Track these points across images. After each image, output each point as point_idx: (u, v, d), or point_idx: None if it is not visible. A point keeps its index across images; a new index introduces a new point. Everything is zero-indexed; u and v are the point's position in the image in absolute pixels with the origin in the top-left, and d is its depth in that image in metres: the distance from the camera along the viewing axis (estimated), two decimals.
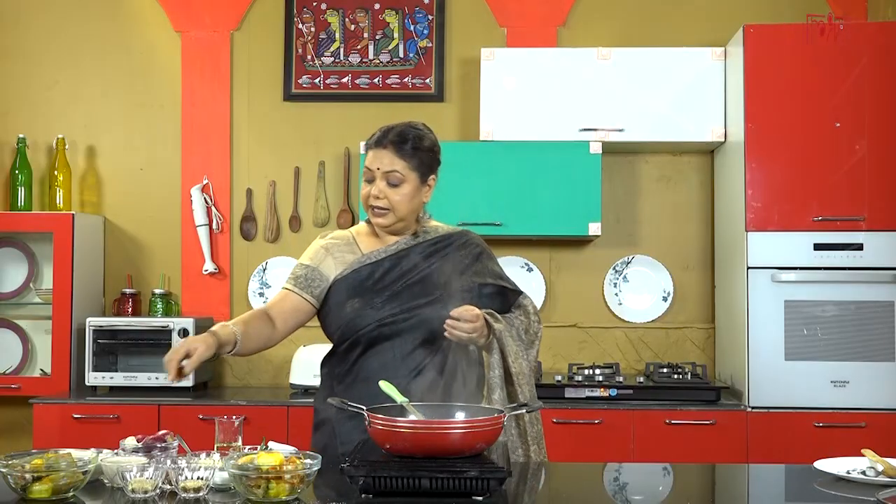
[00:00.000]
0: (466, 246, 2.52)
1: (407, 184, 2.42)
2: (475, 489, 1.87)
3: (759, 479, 2.39)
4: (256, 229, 4.38)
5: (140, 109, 4.44)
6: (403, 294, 2.40)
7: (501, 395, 2.41)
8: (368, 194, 2.43)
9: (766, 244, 3.71)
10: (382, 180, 2.41)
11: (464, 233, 2.57)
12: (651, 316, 4.29)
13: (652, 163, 4.33)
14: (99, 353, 3.97)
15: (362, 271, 2.43)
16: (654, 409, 3.68)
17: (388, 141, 2.42)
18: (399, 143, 2.41)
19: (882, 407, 3.63)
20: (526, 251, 4.32)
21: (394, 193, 2.41)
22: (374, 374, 2.35)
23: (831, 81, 3.70)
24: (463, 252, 2.50)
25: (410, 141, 2.43)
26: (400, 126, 2.46)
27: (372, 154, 2.43)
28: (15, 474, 1.89)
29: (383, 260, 2.44)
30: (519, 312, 2.54)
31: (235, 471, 1.86)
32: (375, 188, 2.42)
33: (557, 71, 4.02)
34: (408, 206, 2.44)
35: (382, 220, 2.44)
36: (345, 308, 2.40)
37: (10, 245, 4.32)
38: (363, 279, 2.42)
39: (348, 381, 2.41)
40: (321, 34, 4.38)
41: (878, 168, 3.67)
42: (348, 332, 2.40)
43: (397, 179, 2.41)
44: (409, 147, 2.43)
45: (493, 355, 2.41)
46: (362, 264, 2.43)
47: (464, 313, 2.30)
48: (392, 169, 2.40)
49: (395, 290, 2.40)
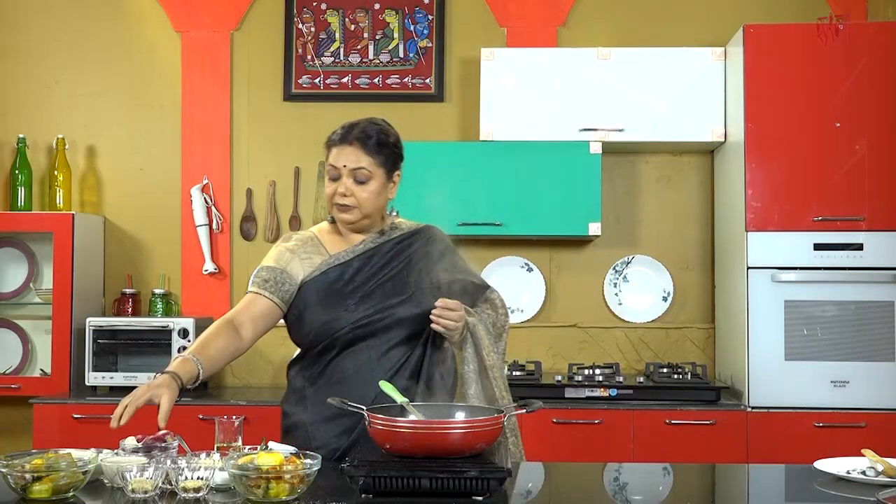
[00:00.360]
0: (432, 242, 2.51)
1: (374, 180, 2.40)
2: (475, 489, 1.87)
3: (759, 479, 2.39)
4: (256, 229, 4.38)
5: (140, 109, 4.44)
6: (376, 294, 2.38)
7: (477, 389, 2.40)
8: (334, 192, 2.39)
9: (766, 244, 3.71)
10: (349, 178, 2.38)
11: (428, 228, 2.55)
12: (651, 316, 4.29)
13: (652, 163, 4.33)
14: (99, 353, 3.97)
15: (331, 273, 2.39)
16: (654, 409, 3.68)
17: (353, 137, 2.39)
18: (364, 139, 2.39)
19: (882, 407, 3.63)
20: (526, 251, 4.32)
21: (361, 190, 2.38)
22: (350, 377, 2.34)
23: (831, 81, 3.70)
24: (429, 248, 2.49)
25: (375, 137, 2.40)
26: (363, 122, 2.43)
27: (336, 151, 2.40)
28: (15, 474, 1.89)
29: (352, 260, 2.40)
30: (486, 306, 2.54)
31: (235, 471, 1.86)
32: (342, 186, 2.38)
33: (557, 71, 4.02)
34: (374, 203, 2.41)
35: (349, 216, 2.40)
36: (316, 312, 2.36)
37: (10, 245, 4.32)
38: (333, 281, 2.38)
39: (321, 383, 2.37)
40: (321, 34, 4.38)
41: (878, 168, 3.67)
42: (322, 335, 2.36)
43: (364, 176, 2.38)
44: (375, 143, 2.39)
45: (467, 349, 2.41)
46: (330, 266, 2.39)
47: (449, 303, 2.32)
48: (359, 166, 2.38)
49: (367, 290, 2.38)
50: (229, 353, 2.30)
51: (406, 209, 3.88)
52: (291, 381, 2.47)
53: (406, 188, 3.92)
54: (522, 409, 2.04)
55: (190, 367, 2.18)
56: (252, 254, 4.36)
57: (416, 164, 4.00)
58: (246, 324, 2.34)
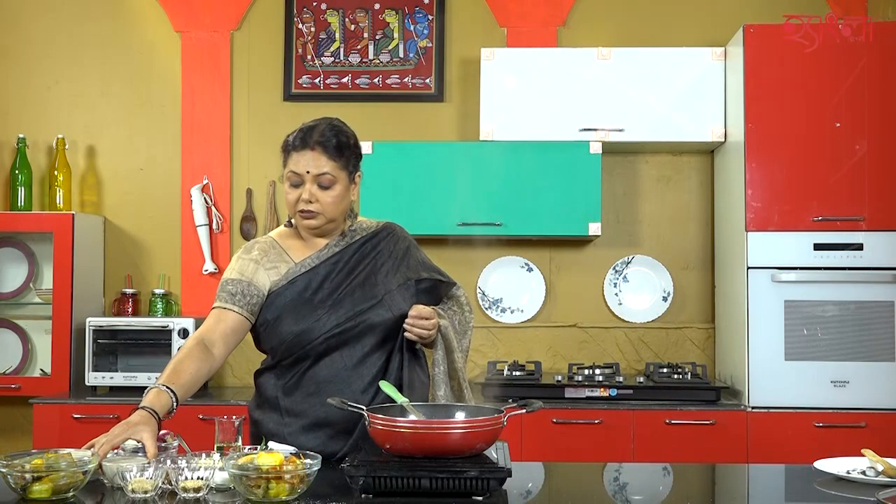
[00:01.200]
0: (394, 240, 2.47)
1: (338, 184, 2.34)
2: (475, 489, 1.87)
3: (759, 479, 2.39)
4: (256, 229, 4.38)
5: (140, 109, 4.44)
6: (345, 301, 2.34)
7: (446, 391, 2.41)
8: (298, 198, 2.33)
9: (766, 244, 3.71)
10: (313, 183, 2.32)
11: (388, 226, 2.51)
12: (651, 316, 4.29)
13: (652, 163, 4.33)
14: (99, 353, 3.97)
15: (298, 282, 2.34)
16: (654, 409, 3.68)
17: (313, 142, 2.32)
18: (325, 143, 2.32)
19: (882, 407, 3.63)
20: (526, 251, 4.32)
21: (325, 196, 2.33)
22: (325, 386, 2.31)
23: (831, 81, 3.70)
24: (392, 248, 2.46)
25: (335, 140, 2.34)
26: (321, 125, 2.36)
27: (297, 156, 2.33)
28: (15, 474, 1.89)
29: (318, 267, 2.36)
30: (452, 303, 2.53)
31: (235, 471, 1.86)
32: (306, 192, 2.32)
33: (557, 71, 4.02)
34: (339, 208, 2.37)
35: (313, 222, 2.35)
36: (287, 323, 2.31)
37: (10, 245, 4.32)
38: (301, 291, 2.33)
39: (296, 394, 2.33)
40: (321, 34, 4.38)
41: (878, 168, 3.67)
42: (295, 347, 2.32)
43: (328, 181, 2.33)
44: (335, 146, 2.33)
45: (438, 352, 2.41)
46: (297, 274, 2.35)
47: (422, 311, 2.32)
48: (323, 171, 2.32)
49: (337, 297, 2.34)
50: (203, 374, 2.25)
51: (406, 209, 3.90)
52: (262, 390, 2.41)
53: (407, 188, 3.95)
54: (522, 409, 2.04)
55: (164, 399, 2.13)
56: None
57: (416, 164, 4.04)
58: (217, 342, 2.30)
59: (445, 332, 2.40)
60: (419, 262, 2.50)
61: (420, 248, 2.56)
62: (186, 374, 2.20)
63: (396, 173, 3.95)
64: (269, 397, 2.38)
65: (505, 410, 2.02)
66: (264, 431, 2.37)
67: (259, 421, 2.40)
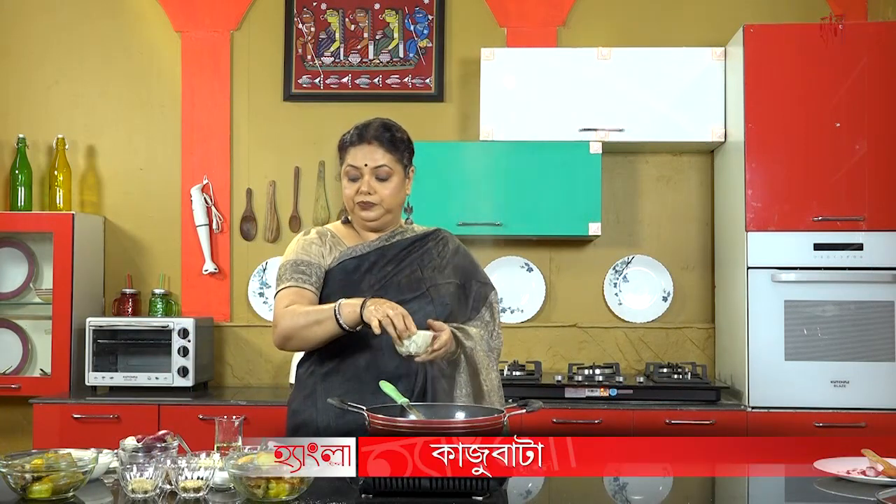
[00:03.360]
0: (443, 243, 2.54)
1: (395, 176, 2.44)
2: (475, 489, 1.87)
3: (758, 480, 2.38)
4: (256, 229, 4.38)
5: (140, 109, 4.44)
6: (390, 289, 2.39)
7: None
8: (356, 192, 2.43)
9: (766, 244, 3.71)
10: (371, 176, 2.42)
11: (439, 230, 2.58)
12: (651, 316, 4.29)
13: (652, 163, 4.33)
14: (99, 353, 3.97)
15: (348, 265, 2.42)
16: (654, 409, 3.68)
17: (370, 136, 2.43)
18: (381, 137, 2.43)
19: (882, 407, 3.63)
20: (526, 251, 4.32)
21: (383, 188, 2.43)
22: (362, 372, 2.34)
23: (831, 81, 3.70)
24: (441, 249, 2.52)
25: (390, 134, 2.44)
26: (376, 121, 2.47)
27: (354, 151, 2.43)
28: (15, 474, 1.89)
29: (368, 253, 2.44)
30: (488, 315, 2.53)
31: (235, 471, 1.86)
32: (364, 185, 2.42)
33: (557, 71, 4.02)
34: (396, 199, 2.46)
35: (372, 213, 2.44)
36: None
37: (10, 245, 4.31)
38: (349, 272, 2.41)
39: (334, 379, 2.37)
40: (321, 34, 4.38)
41: (878, 168, 3.67)
42: None
43: (386, 173, 2.43)
44: (391, 140, 2.44)
45: (461, 374, 2.39)
46: (348, 257, 2.43)
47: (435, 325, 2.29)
48: (381, 164, 2.42)
49: (383, 284, 2.40)
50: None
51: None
52: (301, 379, 2.46)
53: None
54: (522, 409, 2.04)
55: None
56: (252, 254, 4.36)
57: (416, 164, 4.03)
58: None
59: (471, 354, 2.39)
60: (467, 264, 2.55)
61: (469, 252, 2.60)
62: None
63: None
64: (306, 385, 2.42)
65: (505, 410, 2.02)
66: (299, 421, 2.39)
67: (296, 410, 2.43)
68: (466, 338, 2.39)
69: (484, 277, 2.58)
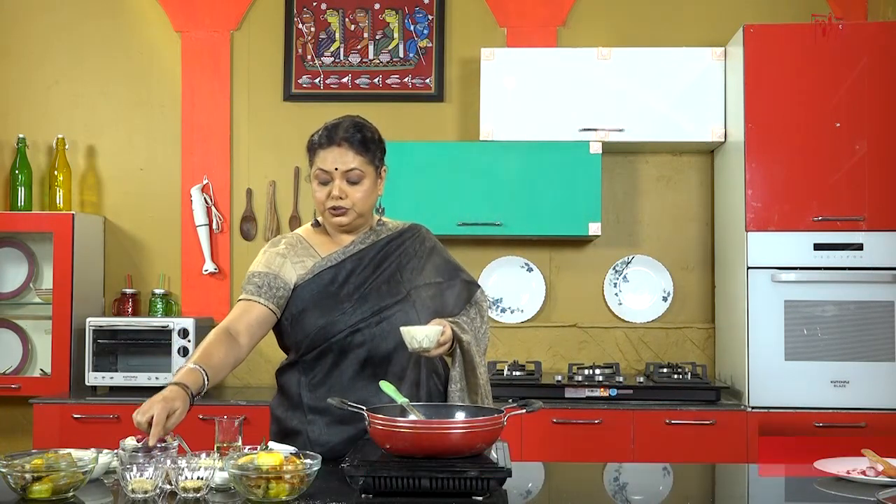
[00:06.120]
0: (419, 240, 2.48)
1: (366, 179, 2.36)
2: (475, 489, 1.87)
3: (758, 480, 2.39)
4: (256, 229, 4.38)
5: (140, 109, 4.44)
6: (371, 296, 2.34)
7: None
8: (327, 196, 2.34)
9: (766, 244, 3.71)
10: (342, 180, 2.33)
11: (415, 227, 2.51)
12: (651, 316, 4.29)
13: (652, 163, 4.33)
14: (99, 353, 3.97)
15: (324, 276, 2.34)
16: (654, 409, 3.68)
17: (339, 138, 2.34)
18: (350, 139, 2.34)
19: (882, 407, 3.63)
20: (526, 251, 4.32)
21: (355, 191, 2.34)
22: (350, 383, 2.31)
23: (831, 81, 3.70)
24: (417, 247, 2.46)
25: (360, 135, 2.36)
26: (345, 122, 2.38)
27: (324, 154, 2.34)
28: (15, 474, 1.89)
29: (344, 261, 2.37)
30: (474, 310, 2.49)
31: (235, 471, 1.86)
32: (336, 189, 2.33)
33: (557, 71, 4.02)
34: (368, 202, 2.38)
35: (344, 219, 2.36)
36: (312, 316, 2.31)
37: (10, 245, 4.32)
38: (326, 283, 2.34)
39: (321, 391, 2.33)
40: (321, 34, 4.38)
41: (878, 168, 3.67)
42: (319, 340, 2.32)
43: (357, 177, 2.34)
44: (361, 141, 2.35)
45: (456, 368, 2.37)
46: (323, 268, 2.35)
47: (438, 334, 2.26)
48: (352, 167, 2.33)
49: (363, 292, 2.34)
50: (230, 362, 2.25)
51: (406, 209, 3.89)
52: (286, 387, 2.42)
53: (406, 188, 3.95)
54: (522, 409, 2.04)
55: (197, 376, 2.12)
56: (252, 254, 4.35)
57: (416, 164, 4.04)
58: (243, 332, 2.29)
59: (468, 348, 2.36)
60: (445, 262, 2.49)
61: (445, 249, 2.55)
62: (216, 358, 2.20)
63: (396, 173, 3.90)
64: (293, 394, 2.39)
65: (505, 410, 2.02)
66: (287, 428, 2.36)
67: (281, 418, 2.40)
68: (463, 331, 2.37)
69: (468, 276, 2.53)
